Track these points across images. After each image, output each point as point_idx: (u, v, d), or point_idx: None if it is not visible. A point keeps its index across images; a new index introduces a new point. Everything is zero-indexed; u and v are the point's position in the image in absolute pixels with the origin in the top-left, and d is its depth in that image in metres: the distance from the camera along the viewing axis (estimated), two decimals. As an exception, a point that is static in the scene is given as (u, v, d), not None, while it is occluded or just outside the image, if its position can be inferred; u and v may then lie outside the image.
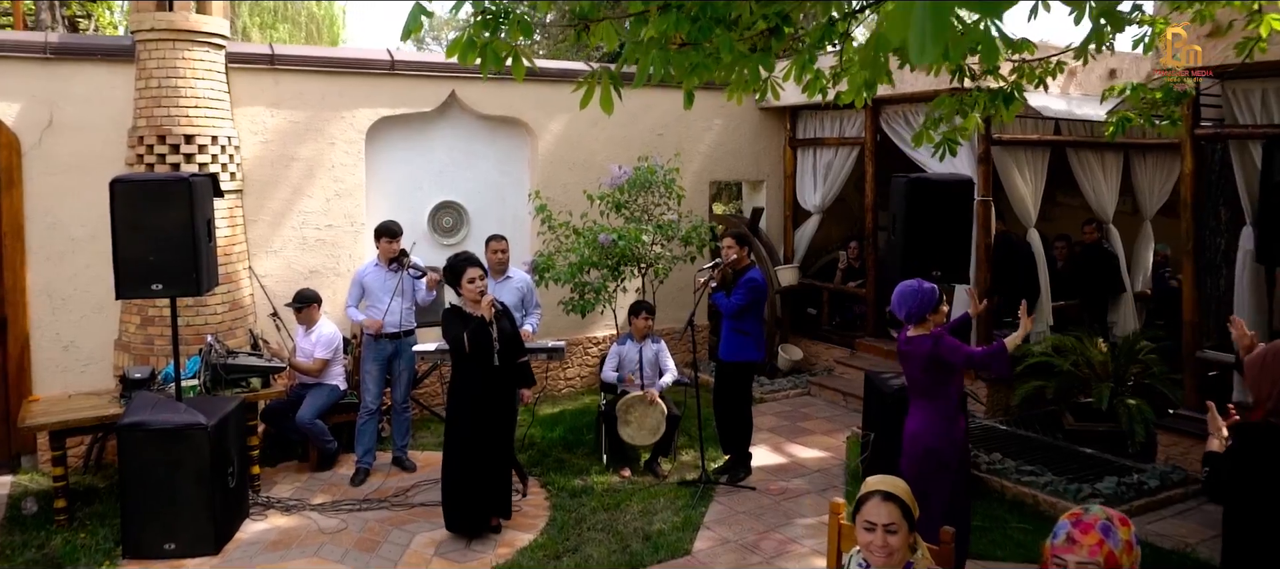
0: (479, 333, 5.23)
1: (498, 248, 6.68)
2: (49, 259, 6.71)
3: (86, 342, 6.89)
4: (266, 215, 7.39)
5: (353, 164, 7.71)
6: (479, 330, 5.24)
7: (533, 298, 6.81)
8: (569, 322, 8.70)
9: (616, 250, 7.09)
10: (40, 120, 6.60)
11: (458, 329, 5.25)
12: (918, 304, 4.74)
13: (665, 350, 7.00)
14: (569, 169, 8.72)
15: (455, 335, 5.24)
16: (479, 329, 5.24)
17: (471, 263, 5.39)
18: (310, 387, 6.85)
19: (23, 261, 6.63)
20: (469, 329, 5.21)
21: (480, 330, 5.24)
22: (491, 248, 6.70)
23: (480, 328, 5.24)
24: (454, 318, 5.36)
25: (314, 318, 6.83)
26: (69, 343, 6.83)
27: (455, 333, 5.24)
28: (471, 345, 5.21)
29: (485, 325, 5.24)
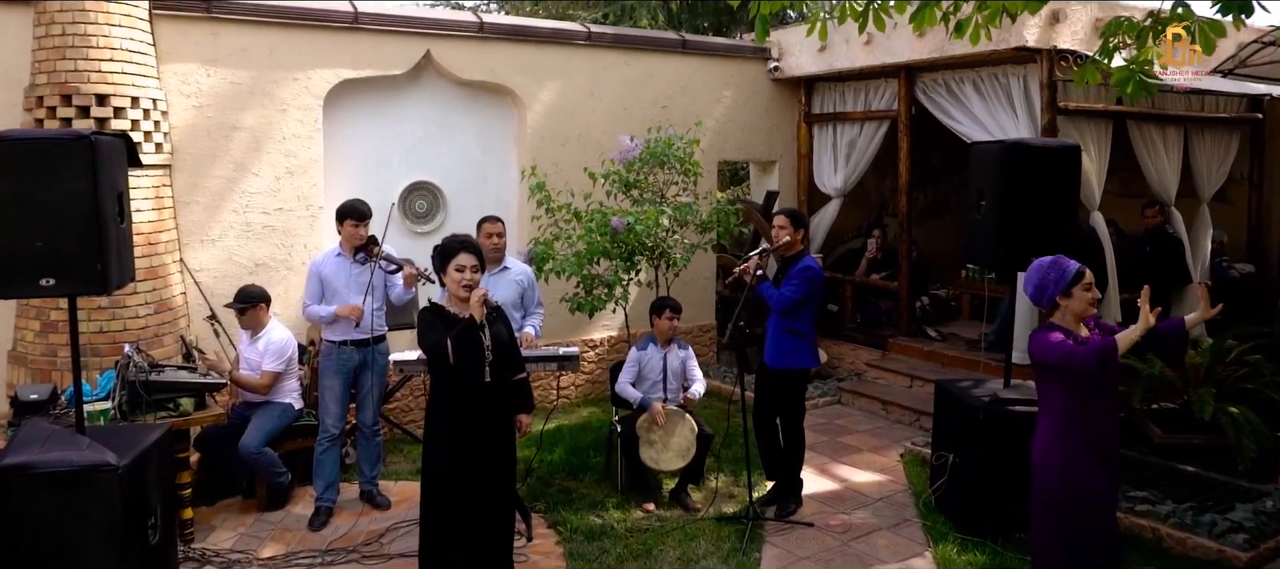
0: (466, 339, 4.02)
1: (492, 232, 5.44)
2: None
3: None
4: (202, 196, 6.06)
5: (308, 135, 6.41)
6: (466, 336, 4.02)
7: (535, 294, 5.59)
8: (566, 322, 7.50)
9: (631, 237, 5.90)
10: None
11: (438, 334, 4.03)
12: (1040, 281, 3.71)
13: (692, 357, 5.84)
14: (562, 145, 7.50)
15: (435, 342, 4.01)
16: (466, 334, 4.02)
17: (467, 248, 4.17)
18: (257, 406, 5.55)
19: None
20: (454, 334, 4.00)
21: (468, 336, 4.03)
22: (485, 232, 5.45)
23: (468, 333, 4.03)
24: (433, 319, 4.13)
25: (261, 321, 5.54)
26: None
27: (435, 339, 4.02)
28: (457, 356, 3.99)
29: (474, 329, 4.03)
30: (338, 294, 5.33)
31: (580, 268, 5.79)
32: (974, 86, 7.35)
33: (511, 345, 4.31)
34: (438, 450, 4.14)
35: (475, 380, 4.09)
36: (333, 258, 5.40)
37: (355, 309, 5.21)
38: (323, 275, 5.35)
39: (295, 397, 5.67)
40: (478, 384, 4.10)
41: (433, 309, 4.20)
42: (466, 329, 4.03)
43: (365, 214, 5.29)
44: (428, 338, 4.07)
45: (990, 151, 4.99)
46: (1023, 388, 5.17)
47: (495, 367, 4.13)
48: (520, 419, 4.42)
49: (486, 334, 4.13)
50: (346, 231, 5.31)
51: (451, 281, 4.13)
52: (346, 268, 5.34)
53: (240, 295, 5.51)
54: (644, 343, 5.78)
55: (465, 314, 4.07)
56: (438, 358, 4.05)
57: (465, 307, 4.10)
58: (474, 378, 4.08)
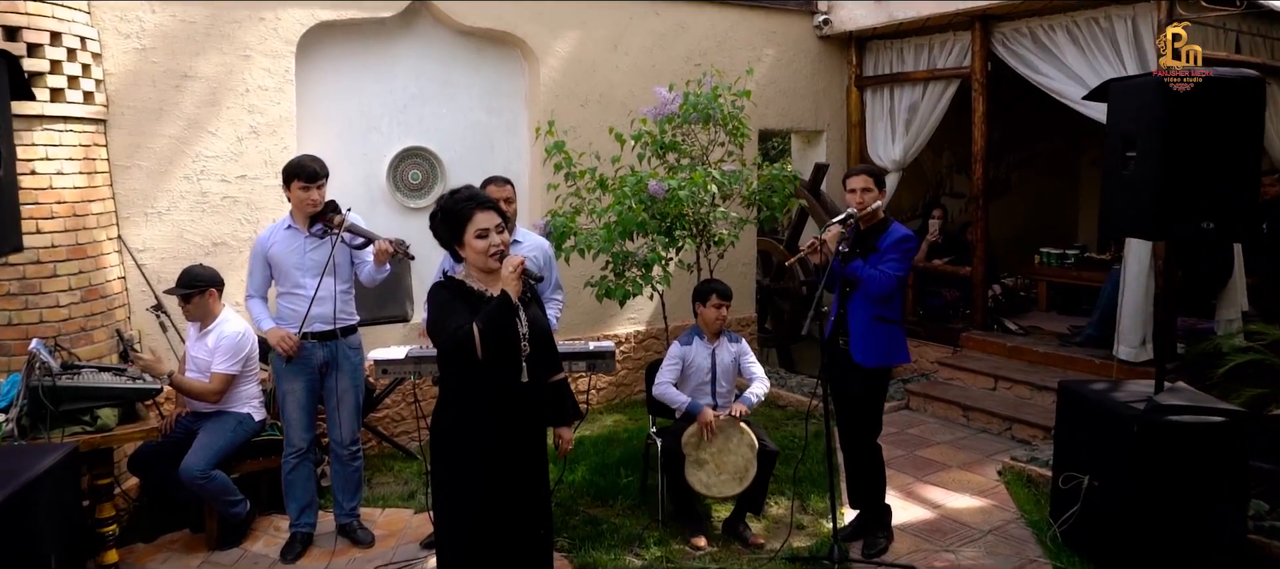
0: (501, 324, 2.94)
1: (502, 196, 4.32)
2: None
3: None
4: (146, 159, 4.95)
5: (277, 88, 5.29)
6: (501, 319, 2.94)
7: (552, 274, 4.47)
8: (587, 313, 6.39)
9: (672, 205, 4.78)
10: None
11: (461, 317, 2.94)
12: None
13: (749, 352, 4.72)
14: (581, 106, 6.38)
15: (458, 329, 2.92)
16: (500, 316, 2.94)
17: (483, 205, 3.07)
18: (207, 418, 4.45)
19: None
20: (485, 318, 2.91)
21: (503, 319, 2.95)
22: (491, 196, 4.33)
23: (503, 315, 2.95)
24: (451, 298, 3.03)
25: (210, 311, 4.43)
26: None
27: (458, 325, 2.93)
28: (487, 347, 2.90)
29: (510, 309, 2.95)
30: (288, 278, 4.22)
31: (611, 243, 4.66)
32: (1068, 34, 6.22)
33: (549, 335, 3.23)
34: (459, 482, 3.04)
35: (508, 381, 3.00)
36: (282, 232, 4.27)
37: (288, 338, 4.12)
38: (270, 255, 4.24)
39: (255, 405, 4.56)
40: (512, 386, 3.01)
41: (449, 285, 3.09)
42: (500, 310, 2.93)
43: (316, 173, 4.17)
44: (446, 323, 2.96)
45: (1144, 87, 3.86)
46: (1182, 392, 4.04)
47: (533, 362, 3.04)
48: (561, 434, 3.32)
49: (522, 319, 3.04)
50: (295, 196, 4.18)
51: (474, 253, 3.04)
52: (300, 244, 4.22)
53: (183, 279, 4.39)
54: (688, 336, 4.66)
55: (492, 292, 2.99)
56: (460, 352, 2.94)
57: (493, 280, 3.01)
58: (507, 378, 3.00)
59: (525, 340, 3.02)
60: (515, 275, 2.96)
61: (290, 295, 4.20)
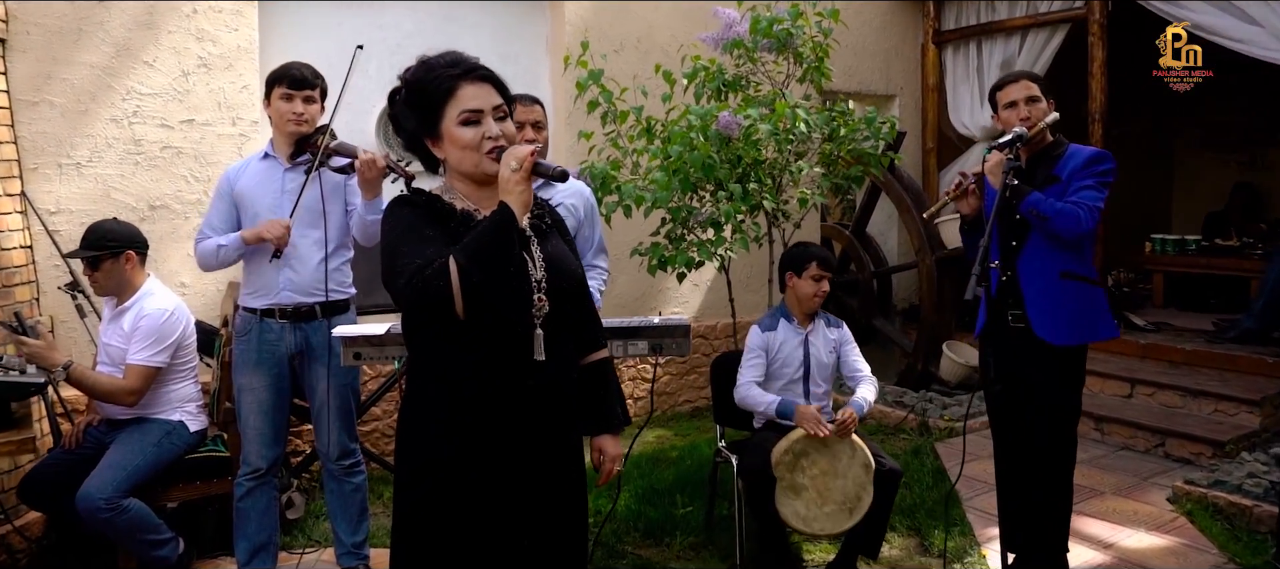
0: (492, 254, 1.78)
1: (527, 118, 3.15)
2: None
3: None
4: (60, 94, 3.81)
5: (234, 10, 4.16)
6: (492, 246, 1.78)
7: (595, 231, 3.29)
8: (628, 291, 5.22)
9: (748, 148, 3.61)
10: None
11: (428, 248, 1.81)
12: None
13: (852, 342, 3.54)
14: (615, 51, 5.23)
15: (420, 268, 1.77)
16: (492, 243, 1.79)
17: (472, 75, 1.93)
18: (123, 427, 3.28)
19: None
20: (467, 247, 1.77)
21: (496, 246, 1.79)
22: (516, 116, 3.18)
23: (496, 238, 1.79)
24: (415, 218, 1.89)
25: (128, 281, 3.27)
26: None
27: (420, 260, 1.78)
28: (474, 296, 1.76)
29: (512, 232, 1.82)
30: (262, 220, 3.06)
31: (669, 193, 3.48)
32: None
33: (582, 285, 2.05)
34: (434, 531, 1.89)
35: (513, 358, 1.86)
36: (256, 163, 3.15)
37: (278, 228, 2.95)
38: (238, 190, 3.10)
39: (190, 411, 3.39)
40: (520, 368, 1.87)
41: (415, 200, 1.94)
42: (495, 231, 1.78)
43: (304, 79, 3.05)
44: (406, 257, 1.81)
45: None
46: None
47: (555, 327, 1.89)
48: (602, 448, 2.10)
49: (535, 255, 1.90)
50: (275, 110, 3.06)
51: (459, 150, 1.91)
52: (278, 177, 3.09)
53: (90, 236, 3.24)
54: (770, 319, 3.48)
55: (479, 211, 1.86)
56: (428, 307, 1.80)
57: (489, 194, 1.90)
58: (511, 352, 1.87)
59: (540, 289, 1.89)
60: (522, 176, 1.80)
61: (261, 254, 3.03)
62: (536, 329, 1.88)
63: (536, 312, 1.89)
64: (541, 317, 1.89)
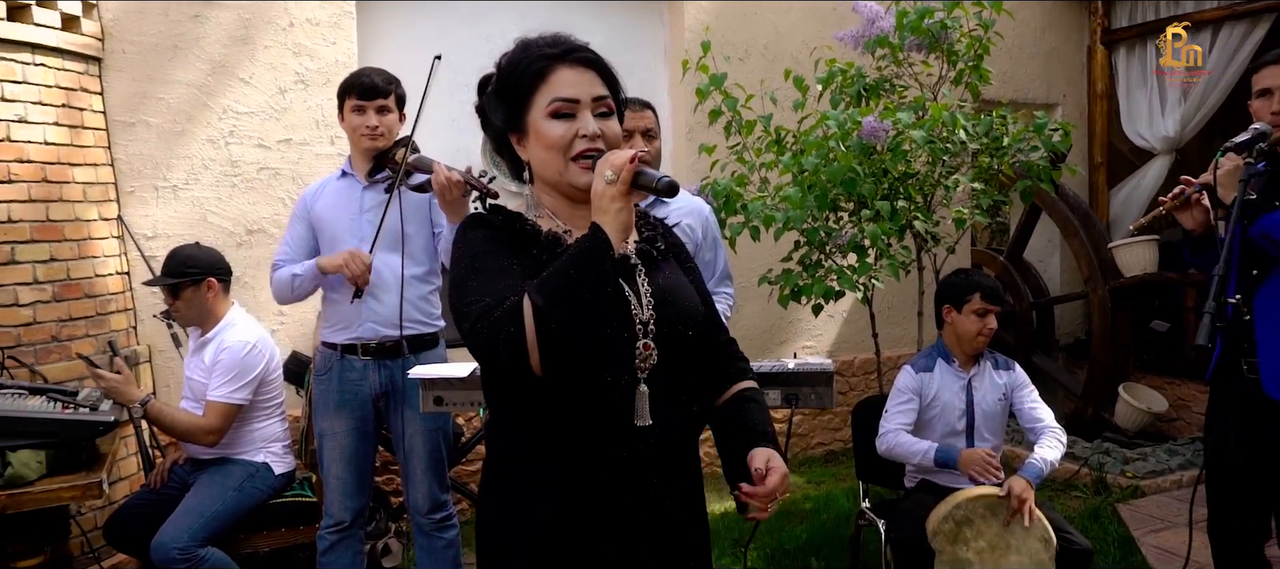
0: (579, 291, 1.34)
1: (639, 125, 2.75)
2: None
3: None
4: (156, 114, 3.65)
5: (332, 23, 3.93)
6: (579, 280, 1.33)
7: (717, 255, 2.83)
8: (754, 325, 4.74)
9: (896, 160, 3.08)
10: None
11: (501, 280, 1.41)
12: None
13: (1028, 386, 2.94)
14: (740, 60, 4.76)
15: (486, 309, 1.36)
16: (580, 275, 1.34)
17: (571, 57, 1.52)
18: (205, 468, 3.03)
19: None
20: (546, 281, 1.35)
21: (585, 280, 1.34)
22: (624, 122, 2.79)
23: (584, 270, 1.35)
24: (489, 242, 1.49)
25: (210, 311, 3.02)
26: None
27: (489, 296, 1.37)
28: (553, 345, 1.32)
29: (602, 260, 1.36)
30: (341, 242, 2.75)
31: (804, 211, 2.97)
32: None
33: (708, 326, 1.60)
34: None
35: (609, 423, 1.45)
36: (333, 183, 2.85)
37: (354, 257, 2.62)
38: (315, 213, 2.81)
39: (276, 452, 3.11)
40: (616, 435, 1.44)
41: (490, 219, 1.54)
42: (583, 261, 1.36)
43: (376, 87, 2.73)
44: (473, 296, 1.42)
45: None
46: None
47: (664, 382, 1.47)
48: (752, 494, 1.49)
49: (644, 287, 1.48)
50: (349, 123, 2.76)
51: (547, 151, 1.50)
52: (356, 197, 2.78)
53: (170, 263, 3.01)
54: (925, 358, 2.93)
55: (570, 233, 1.49)
56: (498, 358, 1.37)
57: (582, 213, 1.48)
58: (606, 417, 1.45)
59: (646, 333, 1.46)
60: (620, 189, 1.37)
61: (341, 284, 2.72)
62: (640, 386, 1.44)
63: (641, 362, 1.45)
64: (647, 369, 1.45)
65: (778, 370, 2.33)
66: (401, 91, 2.80)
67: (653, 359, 1.46)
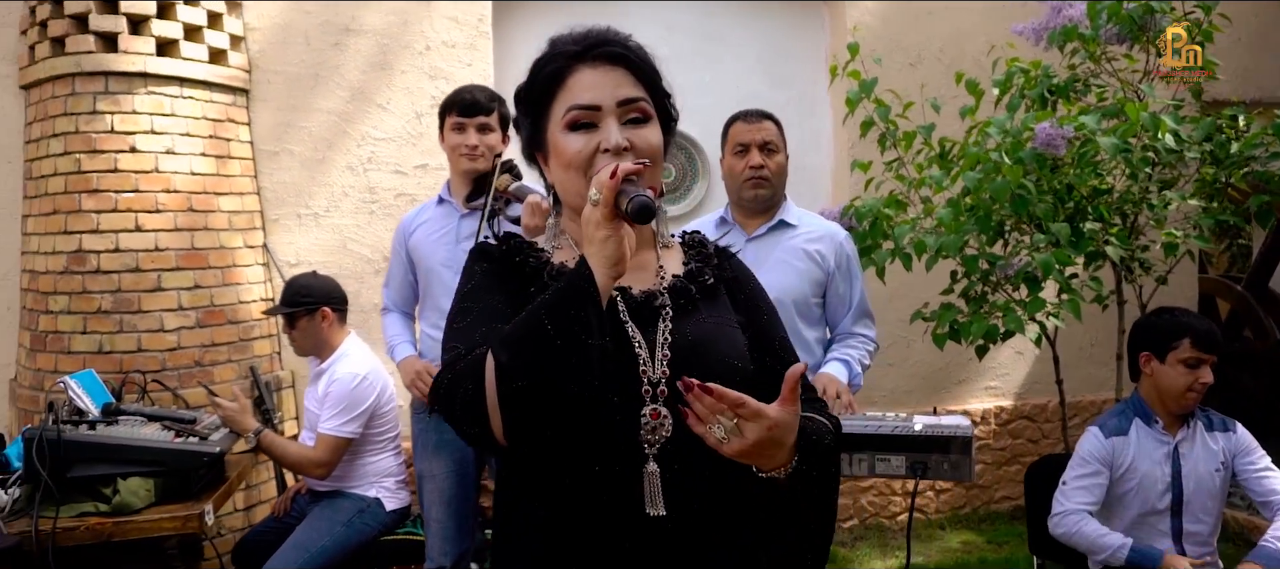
0: (546, 345, 1.04)
1: (754, 139, 2.48)
2: (-120, 218, 3.44)
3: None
4: (299, 142, 3.70)
5: (468, 44, 3.85)
6: (549, 332, 1.04)
7: (853, 289, 2.46)
8: (927, 362, 4.23)
9: (1083, 171, 2.55)
10: None
11: (490, 321, 1.15)
12: None
13: (1256, 450, 2.33)
14: (910, 66, 4.28)
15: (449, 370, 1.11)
16: (552, 326, 1.05)
17: (595, 53, 1.24)
18: (320, 499, 2.97)
19: None
20: (508, 334, 1.07)
21: (558, 332, 1.04)
22: (738, 136, 2.51)
23: (558, 318, 1.05)
24: (488, 278, 1.24)
25: (325, 341, 2.96)
26: (-77, 385, 3.50)
27: (469, 339, 1.12)
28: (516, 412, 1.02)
29: (583, 305, 1.06)
30: (433, 286, 2.60)
31: (960, 234, 2.51)
32: None
33: (752, 384, 1.22)
34: None
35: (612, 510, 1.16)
36: (430, 209, 2.72)
37: (420, 377, 2.51)
38: (412, 243, 2.68)
39: (388, 486, 3.00)
40: (622, 525, 1.14)
41: (493, 250, 1.28)
42: (559, 306, 1.05)
43: (478, 103, 2.56)
44: (451, 341, 1.17)
45: None
46: None
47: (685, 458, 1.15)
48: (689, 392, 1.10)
49: (664, 338, 1.17)
50: (448, 142, 2.61)
51: (562, 160, 1.23)
52: (453, 226, 2.62)
53: (285, 292, 2.98)
54: (1119, 419, 2.38)
55: (558, 256, 1.23)
56: (456, 421, 1.11)
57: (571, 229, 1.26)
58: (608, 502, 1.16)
59: (655, 397, 1.16)
60: (605, 208, 1.07)
61: (438, 312, 2.59)
62: (648, 465, 1.13)
63: (648, 434, 1.14)
64: (657, 442, 1.14)
65: (901, 431, 1.90)
66: (506, 110, 2.62)
67: (665, 430, 1.15)
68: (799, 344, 2.41)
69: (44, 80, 3.28)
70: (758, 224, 2.49)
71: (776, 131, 2.51)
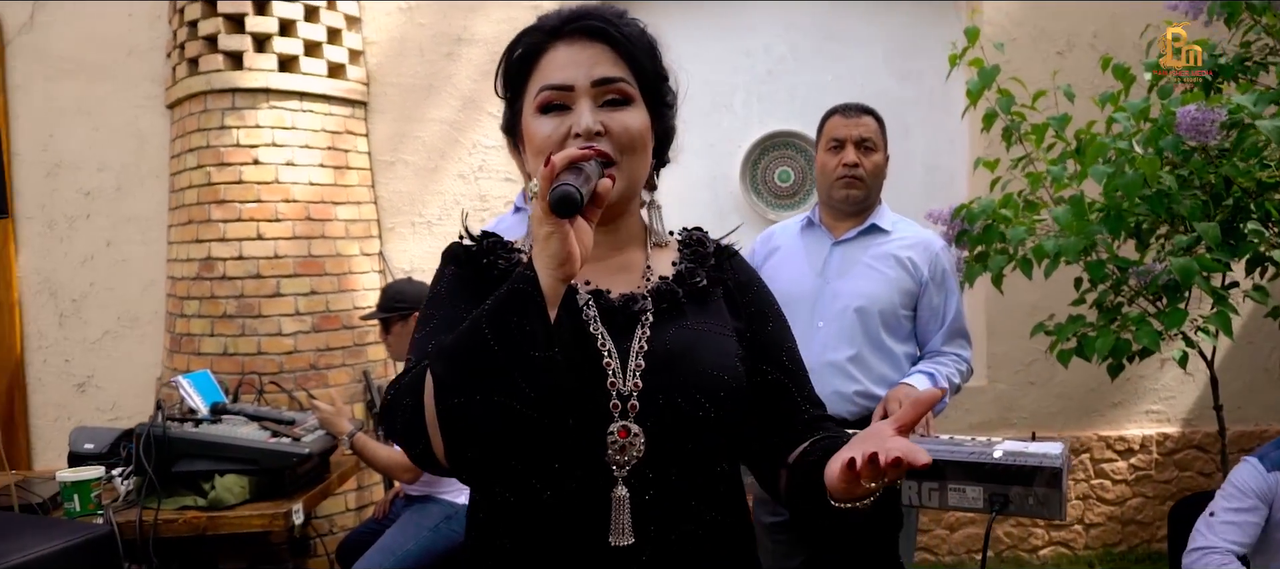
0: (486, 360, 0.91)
1: (850, 135, 2.30)
2: (51, 227, 3.79)
3: (111, 376, 3.82)
4: (414, 152, 3.78)
5: (580, 50, 3.81)
6: (489, 343, 0.92)
7: (949, 304, 2.25)
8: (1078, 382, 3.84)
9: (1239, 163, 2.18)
10: (30, -17, 3.73)
11: (451, 329, 1.00)
12: None
13: None
14: (1058, 54, 3.90)
15: (416, 363, 1.01)
16: (491, 337, 0.93)
17: (574, 28, 1.12)
18: (412, 503, 3.00)
19: (9, 234, 3.77)
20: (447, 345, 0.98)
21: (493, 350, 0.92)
22: (834, 132, 2.33)
23: (501, 337, 0.92)
24: (457, 283, 1.16)
25: (416, 346, 2.98)
26: (85, 378, 3.82)
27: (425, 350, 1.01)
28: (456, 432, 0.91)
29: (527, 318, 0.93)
30: None
31: (1084, 235, 2.19)
32: None
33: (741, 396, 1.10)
34: None
35: (574, 538, 1.04)
36: (508, 220, 2.67)
37: None
38: None
39: (477, 496, 2.98)
40: (588, 555, 1.03)
41: (462, 252, 1.19)
42: (493, 316, 0.93)
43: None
44: (414, 353, 1.07)
45: None
46: None
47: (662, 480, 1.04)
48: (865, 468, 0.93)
49: (639, 346, 1.04)
50: None
51: (533, 147, 1.11)
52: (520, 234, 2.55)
53: (381, 298, 3.03)
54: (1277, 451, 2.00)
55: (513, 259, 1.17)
56: (399, 439, 1.03)
57: None
58: (568, 530, 1.04)
59: (625, 412, 1.01)
60: (543, 202, 0.92)
61: None
62: (616, 489, 1.00)
63: (617, 454, 1.01)
64: (626, 463, 1.01)
65: (977, 458, 1.64)
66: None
67: (636, 450, 1.01)
68: (884, 357, 2.19)
69: (183, 99, 3.51)
70: (847, 227, 2.31)
71: (876, 128, 2.32)
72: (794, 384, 1.17)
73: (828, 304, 2.24)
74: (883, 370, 2.16)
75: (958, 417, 3.78)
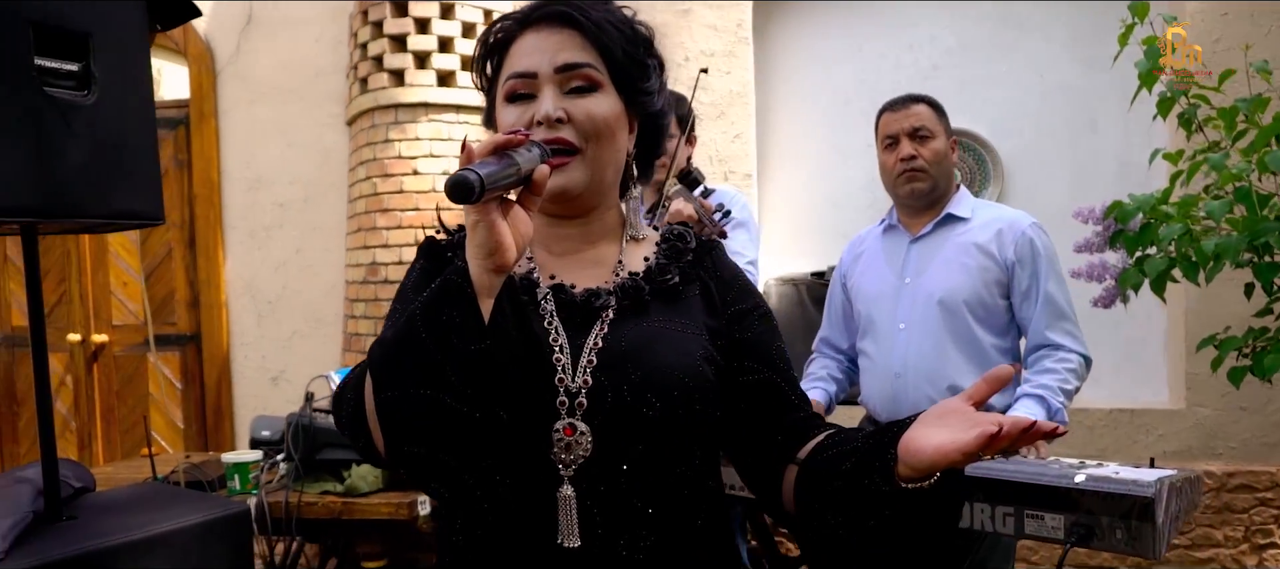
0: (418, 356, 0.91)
1: (902, 127, 2.16)
2: (252, 236, 4.22)
3: (299, 371, 4.20)
4: (561, 160, 3.87)
5: (727, 52, 3.75)
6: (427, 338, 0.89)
7: (1040, 283, 2.06)
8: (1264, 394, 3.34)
9: None
10: (236, 17, 4.18)
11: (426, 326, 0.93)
12: None
13: None
14: (1265, 34, 3.38)
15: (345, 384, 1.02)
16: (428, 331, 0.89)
17: (541, 17, 1.09)
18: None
19: (218, 242, 4.23)
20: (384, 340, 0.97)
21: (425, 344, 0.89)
22: (889, 125, 2.20)
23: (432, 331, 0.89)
24: (426, 272, 1.14)
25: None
26: (278, 373, 4.22)
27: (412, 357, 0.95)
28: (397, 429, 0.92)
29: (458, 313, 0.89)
30: None
31: (1241, 240, 1.87)
32: None
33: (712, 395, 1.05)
34: None
35: (522, 536, 1.01)
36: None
37: None
38: None
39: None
40: (536, 557, 1.00)
41: (433, 247, 1.16)
42: (425, 311, 0.90)
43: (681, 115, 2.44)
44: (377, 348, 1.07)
45: None
46: None
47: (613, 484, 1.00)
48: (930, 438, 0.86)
49: (595, 343, 1.00)
50: None
51: None
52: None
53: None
54: None
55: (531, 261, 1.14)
56: (346, 431, 1.05)
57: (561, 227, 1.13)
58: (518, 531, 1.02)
59: (573, 408, 0.99)
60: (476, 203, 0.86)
61: None
62: (563, 488, 0.96)
63: (563, 453, 0.97)
64: (573, 462, 0.96)
65: (1058, 483, 1.41)
66: (681, 111, 2.47)
67: (583, 448, 0.96)
68: (976, 352, 2.00)
69: (357, 116, 3.79)
70: (923, 223, 2.17)
71: (930, 114, 2.15)
72: (784, 382, 1.08)
73: (908, 305, 2.10)
74: (977, 368, 1.97)
75: (1151, 443, 3.35)
